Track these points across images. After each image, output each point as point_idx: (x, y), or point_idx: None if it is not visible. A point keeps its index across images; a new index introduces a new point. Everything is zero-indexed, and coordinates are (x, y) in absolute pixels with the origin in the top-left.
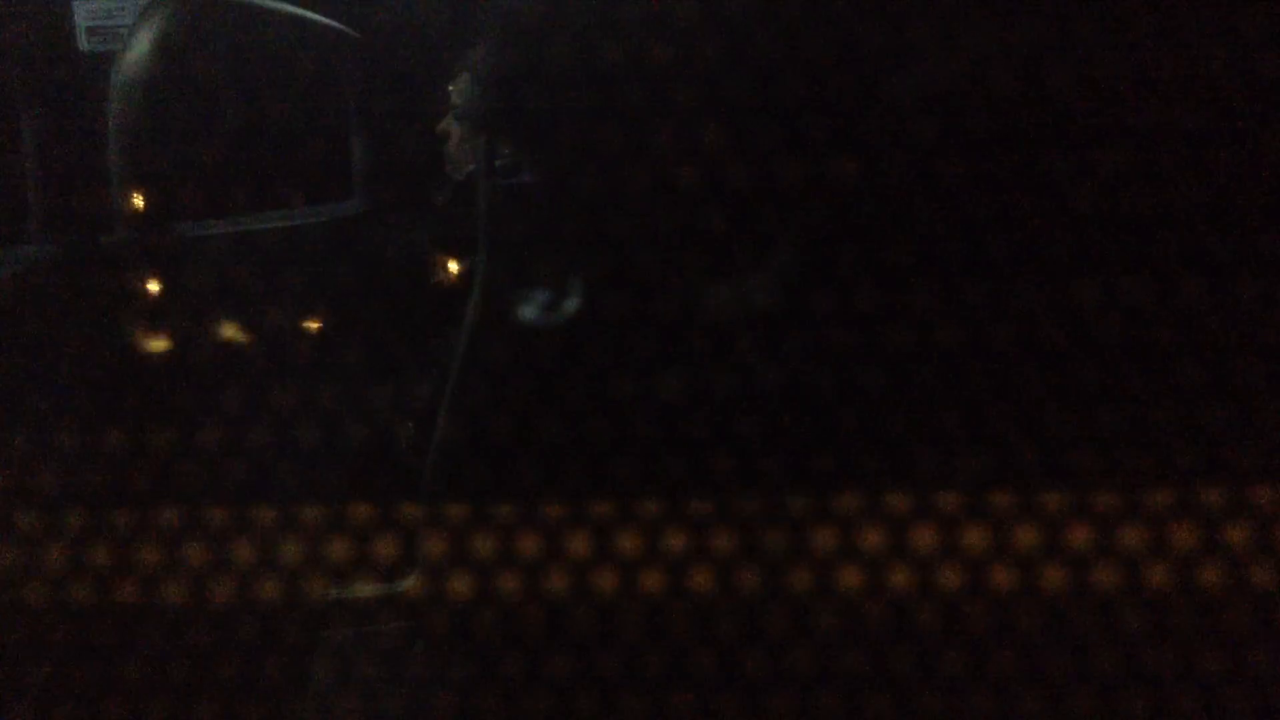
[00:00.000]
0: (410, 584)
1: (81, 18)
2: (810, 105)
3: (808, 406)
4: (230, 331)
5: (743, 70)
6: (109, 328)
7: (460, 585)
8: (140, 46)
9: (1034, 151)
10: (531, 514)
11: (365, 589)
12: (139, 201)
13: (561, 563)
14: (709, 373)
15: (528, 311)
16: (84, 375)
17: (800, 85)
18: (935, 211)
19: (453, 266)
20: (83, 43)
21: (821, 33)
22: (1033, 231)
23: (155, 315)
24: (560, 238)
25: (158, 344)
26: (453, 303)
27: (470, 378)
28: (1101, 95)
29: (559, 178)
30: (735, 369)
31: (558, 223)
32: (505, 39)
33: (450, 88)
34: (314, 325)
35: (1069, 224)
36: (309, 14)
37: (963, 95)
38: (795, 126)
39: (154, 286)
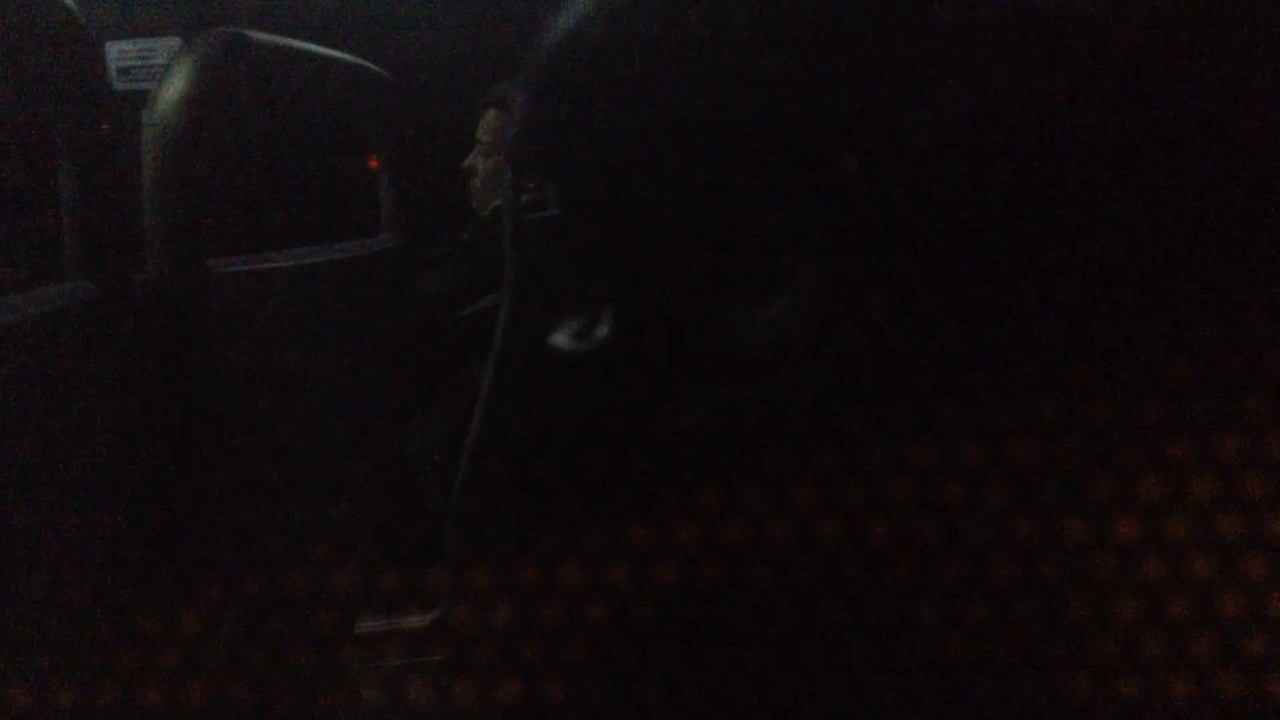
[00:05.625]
0: (435, 617)
1: (114, 58)
2: (838, 150)
3: (834, 435)
4: (258, 366)
5: (771, 117)
6: (141, 365)
7: (489, 617)
8: (173, 87)
9: (1051, 183)
10: (559, 542)
11: (391, 622)
12: (171, 239)
13: (596, 592)
14: (739, 399)
15: (554, 344)
16: (117, 412)
17: (828, 133)
18: (953, 241)
19: (481, 301)
20: (114, 82)
21: (847, 81)
22: (1051, 260)
23: (187, 351)
24: (592, 271)
25: (187, 379)
26: (479, 336)
27: (497, 410)
28: (1117, 131)
29: (594, 214)
30: (764, 395)
31: (591, 257)
32: (543, 81)
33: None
34: (342, 358)
35: (1089, 255)
36: (338, 54)
37: (980, 132)
38: (823, 169)
39: (184, 324)
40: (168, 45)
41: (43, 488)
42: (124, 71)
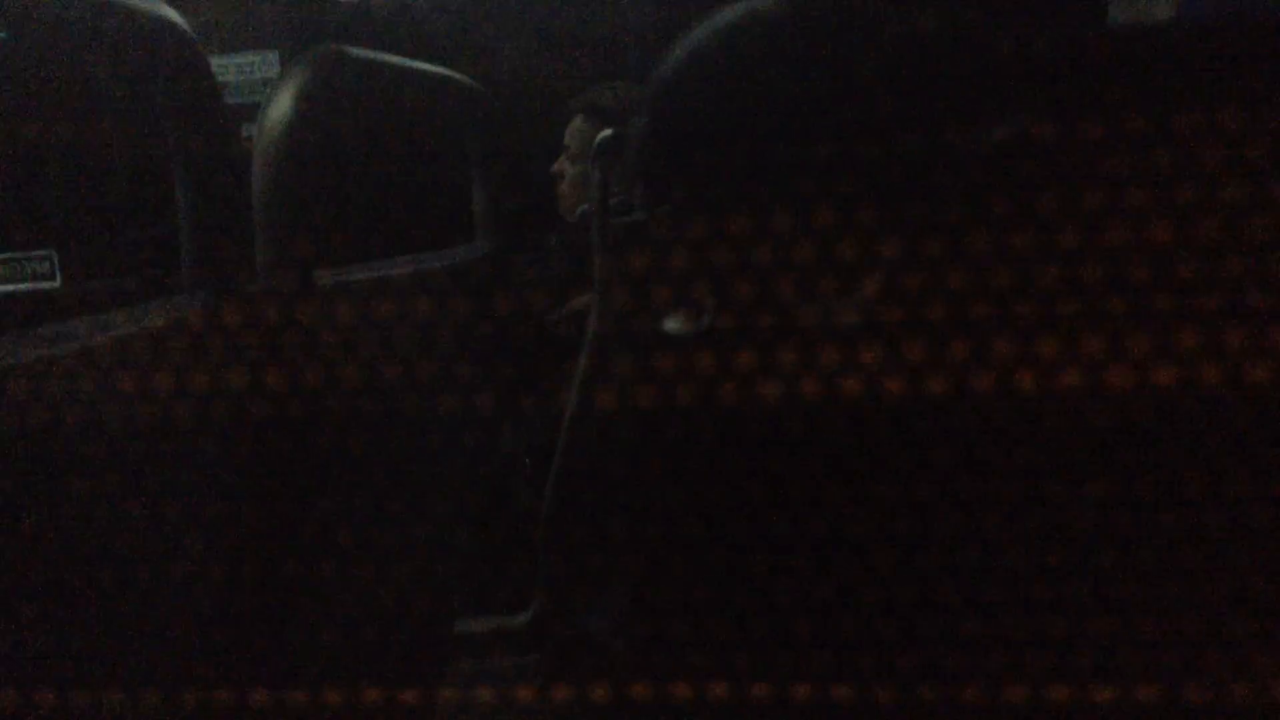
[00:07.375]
0: (529, 617)
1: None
2: (924, 155)
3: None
4: (366, 374)
5: (867, 122)
6: (256, 375)
7: (582, 618)
8: (282, 104)
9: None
10: (650, 544)
11: (484, 623)
12: (281, 251)
13: (685, 598)
14: (838, 384)
15: (643, 347)
16: (235, 418)
17: (914, 140)
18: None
19: (569, 304)
20: None
21: (932, 90)
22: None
23: (297, 361)
24: (695, 271)
25: (298, 388)
26: (569, 340)
27: (587, 414)
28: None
29: (708, 216)
30: (859, 379)
31: (696, 258)
32: (670, 93)
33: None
34: (439, 366)
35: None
36: (436, 69)
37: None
38: (910, 174)
39: (296, 333)
40: (266, 60)
41: (161, 495)
42: (223, 86)
